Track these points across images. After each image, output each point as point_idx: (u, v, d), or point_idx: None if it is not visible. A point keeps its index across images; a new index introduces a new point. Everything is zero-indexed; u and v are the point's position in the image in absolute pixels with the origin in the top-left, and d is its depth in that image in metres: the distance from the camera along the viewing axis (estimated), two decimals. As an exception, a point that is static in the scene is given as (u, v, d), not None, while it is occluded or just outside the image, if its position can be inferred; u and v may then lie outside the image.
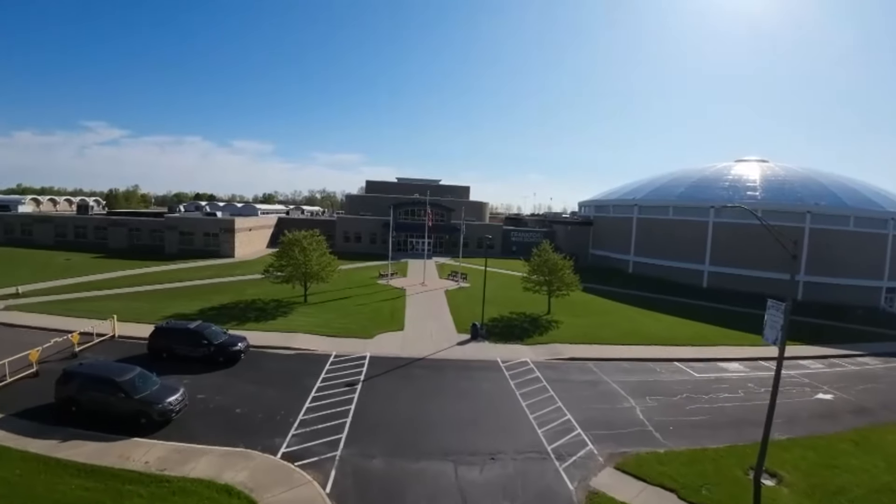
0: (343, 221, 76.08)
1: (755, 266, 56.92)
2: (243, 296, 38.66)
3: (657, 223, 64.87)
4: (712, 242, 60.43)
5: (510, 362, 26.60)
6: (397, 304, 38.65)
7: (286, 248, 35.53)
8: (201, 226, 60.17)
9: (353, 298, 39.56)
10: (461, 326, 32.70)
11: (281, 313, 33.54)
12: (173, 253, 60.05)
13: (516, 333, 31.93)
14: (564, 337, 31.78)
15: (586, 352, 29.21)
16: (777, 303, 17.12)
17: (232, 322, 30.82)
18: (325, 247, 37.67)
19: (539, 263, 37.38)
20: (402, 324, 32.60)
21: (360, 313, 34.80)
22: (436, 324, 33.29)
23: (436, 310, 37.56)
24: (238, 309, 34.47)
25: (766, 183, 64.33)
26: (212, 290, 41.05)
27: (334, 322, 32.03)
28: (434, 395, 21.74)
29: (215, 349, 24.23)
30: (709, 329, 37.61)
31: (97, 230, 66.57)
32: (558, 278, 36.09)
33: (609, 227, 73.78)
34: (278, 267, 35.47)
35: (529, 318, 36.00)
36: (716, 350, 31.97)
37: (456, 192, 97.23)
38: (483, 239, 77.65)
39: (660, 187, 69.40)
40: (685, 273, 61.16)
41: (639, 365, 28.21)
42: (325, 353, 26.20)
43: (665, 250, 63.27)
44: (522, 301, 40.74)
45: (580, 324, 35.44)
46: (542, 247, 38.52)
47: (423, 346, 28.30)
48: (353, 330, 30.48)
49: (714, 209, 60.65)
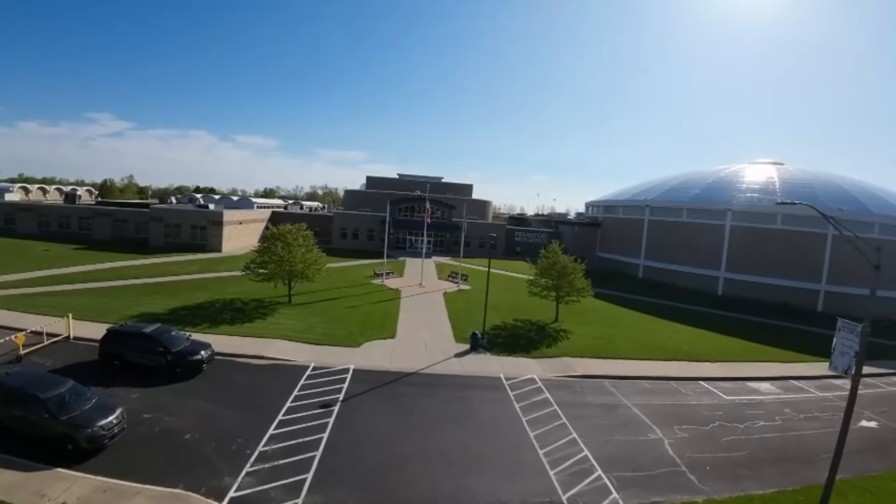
0: (340, 217, 72.75)
1: (775, 274, 53.59)
2: (223, 294, 35.40)
3: (670, 226, 61.39)
4: (729, 247, 57.00)
5: (515, 379, 23.23)
6: (390, 307, 35.31)
7: (268, 244, 32.21)
8: (188, 218, 56.86)
9: (342, 300, 36.20)
10: (460, 335, 29.36)
11: (260, 315, 30.24)
12: (158, 246, 56.81)
13: (521, 344, 28.56)
14: (575, 349, 28.41)
15: (601, 368, 25.83)
16: (851, 323, 13.63)
17: (203, 324, 27.59)
18: (312, 242, 34.32)
19: (547, 266, 33.91)
20: (394, 330, 29.25)
21: (348, 317, 31.45)
22: (431, 331, 29.92)
23: (432, 315, 34.22)
24: (214, 309, 31.22)
25: (786, 186, 60.88)
26: (192, 286, 37.83)
27: (318, 327, 28.71)
28: (425, 422, 18.38)
29: (173, 358, 20.95)
30: (732, 342, 34.28)
31: (81, 220, 63.50)
32: (568, 283, 32.64)
33: (618, 228, 70.29)
34: (260, 263, 32.14)
35: (536, 327, 32.62)
36: (743, 368, 28.66)
37: (458, 189, 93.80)
38: (486, 239, 74.41)
39: (673, 188, 65.91)
40: (699, 279, 57.74)
41: (661, 385, 24.86)
42: (302, 365, 22.87)
43: (678, 254, 59.83)
44: (528, 307, 37.39)
45: (592, 334, 32.06)
46: (551, 248, 35.00)
47: (415, 357, 24.95)
48: (339, 337, 27.15)
49: (730, 212, 57.39)
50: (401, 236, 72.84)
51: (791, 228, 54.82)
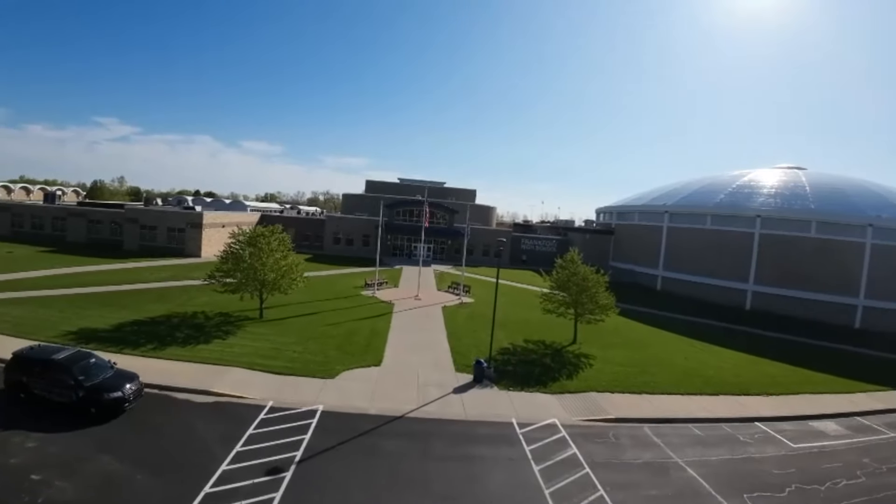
0: (332, 221, 67.81)
1: (808, 287, 48.48)
2: (186, 306, 30.48)
3: (692, 233, 56.26)
4: (758, 258, 51.83)
5: (531, 426, 18.04)
6: (380, 324, 30.20)
7: (235, 248, 27.28)
8: (165, 219, 51.96)
9: (324, 314, 31.08)
10: (461, 361, 24.24)
11: (221, 334, 25.22)
12: (133, 249, 51.94)
13: (535, 374, 23.39)
14: (602, 381, 23.25)
15: (637, 407, 20.66)
16: None
17: (148, 345, 22.63)
18: (288, 247, 29.31)
19: (563, 279, 28.78)
20: (381, 355, 24.09)
21: (327, 337, 26.33)
22: (426, 356, 24.75)
23: (428, 334, 29.08)
24: (169, 325, 26.27)
25: (817, 191, 55.84)
26: (154, 296, 32.91)
27: (288, 350, 23.62)
28: (410, 500, 13.25)
29: (85, 393, 15.98)
30: (775, 368, 29.38)
31: (55, 221, 58.82)
32: (590, 298, 27.51)
33: (634, 236, 65.15)
34: (226, 272, 27.16)
35: (551, 351, 27.47)
36: (798, 402, 23.71)
37: (461, 194, 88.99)
38: (490, 246, 69.42)
39: (693, 193, 60.85)
40: (725, 292, 52.54)
41: (713, 430, 19.74)
42: (257, 404, 17.80)
43: (701, 265, 54.66)
44: (540, 324, 32.31)
45: (617, 359, 26.93)
46: (569, 257, 29.80)
47: (404, 393, 19.80)
48: (311, 363, 22.05)
49: (759, 218, 52.31)
50: (399, 243, 67.89)
51: (826, 237, 49.77)
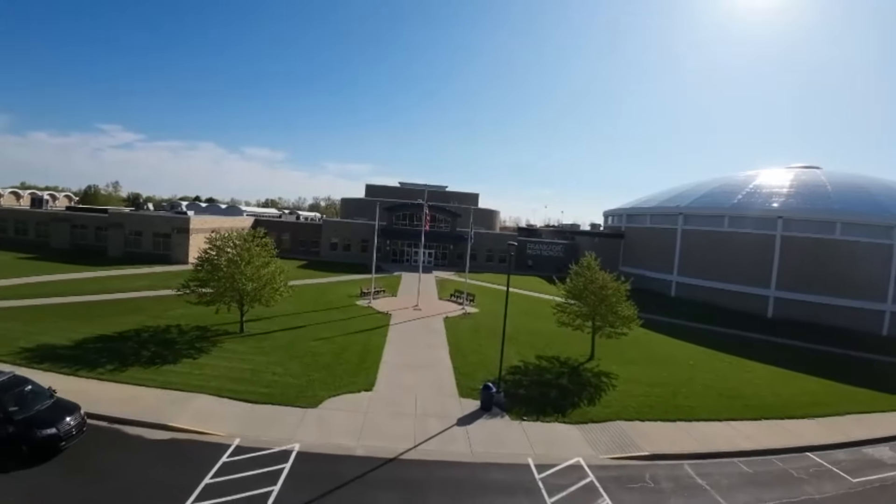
0: (329, 226, 64.92)
1: (833, 292, 45.39)
2: (160, 319, 27.52)
3: (708, 236, 53.18)
4: (780, 261, 48.72)
5: (551, 468, 14.85)
6: (374, 339, 27.06)
7: (208, 256, 24.28)
8: (151, 224, 49.12)
9: (312, 328, 28.01)
10: (466, 382, 21.13)
11: (193, 352, 22.21)
12: (117, 256, 49.14)
13: (552, 399, 20.24)
14: (629, 406, 20.11)
15: (674, 440, 17.53)
16: None
17: (107, 365, 19.67)
18: (271, 254, 26.33)
19: (580, 287, 25.69)
20: (373, 377, 20.91)
21: (314, 354, 23.24)
22: (426, 378, 21.62)
23: (428, 350, 25.95)
24: (137, 340, 23.32)
25: (839, 190, 52.77)
26: (128, 307, 29.98)
27: (267, 371, 20.56)
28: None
29: (15, 429, 13.02)
30: (812, 383, 26.41)
31: (39, 227, 56.25)
32: (610, 309, 24.40)
33: (646, 239, 62.05)
34: (201, 281, 24.17)
35: (568, 369, 24.31)
36: (847, 425, 20.70)
37: (463, 198, 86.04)
38: (494, 251, 66.49)
39: (708, 194, 57.79)
40: (745, 299, 49.44)
41: (762, 464, 16.66)
42: (221, 442, 14.75)
43: (718, 270, 51.56)
44: (551, 337, 29.28)
45: (643, 378, 23.81)
46: (585, 262, 26.65)
47: (398, 427, 16.69)
48: (291, 389, 18.95)
49: (781, 219, 49.24)
50: (398, 248, 64.97)
51: (852, 239, 46.72)
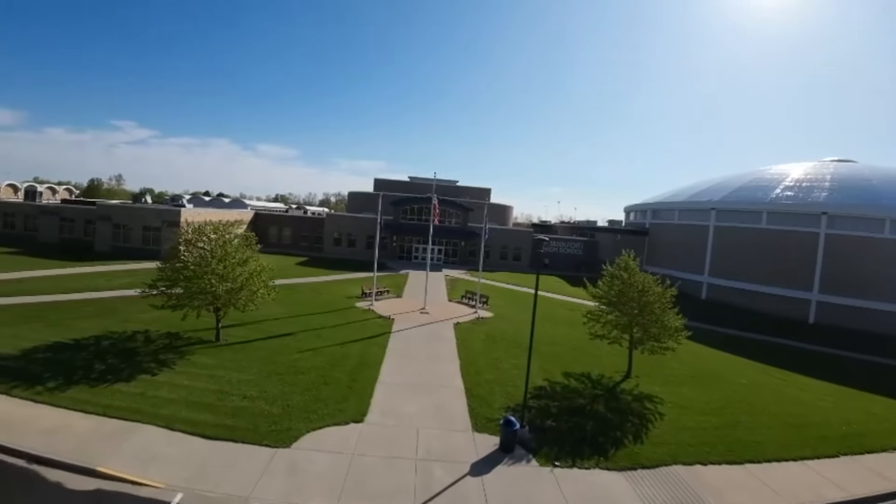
0: (333, 220, 61.32)
1: (882, 297, 40.88)
2: (129, 323, 24.03)
3: (744, 234, 48.59)
4: (824, 262, 44.11)
5: (599, 544, 11.02)
6: (371, 350, 23.03)
7: (175, 253, 20.57)
8: (140, 217, 45.90)
9: (302, 336, 24.15)
10: (481, 410, 17.15)
11: (154, 365, 18.59)
12: (105, 251, 46.06)
13: (589, 433, 16.17)
14: (683, 441, 16.05)
15: (746, 489, 13.46)
16: None
17: (52, 381, 16.24)
18: (251, 251, 22.50)
19: (616, 291, 21.55)
20: (366, 403, 16.91)
21: (297, 371, 19.37)
22: (431, 403, 17.60)
23: (436, 365, 21.85)
24: (95, 350, 19.83)
25: (887, 185, 47.87)
26: (96, 309, 26.59)
27: (236, 393, 16.81)
28: None
29: None
30: (880, 404, 22.51)
31: (27, 220, 53.74)
32: (655, 320, 20.25)
33: (673, 237, 57.45)
34: (170, 281, 20.51)
35: (602, 390, 20.19)
36: None
37: (475, 193, 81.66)
38: (508, 249, 62.43)
39: (742, 188, 53.07)
40: (784, 302, 44.97)
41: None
42: (158, 499, 11.08)
43: (754, 271, 47.04)
44: (576, 346, 25.39)
45: (693, 402, 19.74)
46: (623, 261, 22.43)
47: (393, 477, 12.79)
48: (263, 418, 15.15)
49: (826, 216, 44.58)
50: (406, 244, 61.19)
51: (910, 238, 42.08)
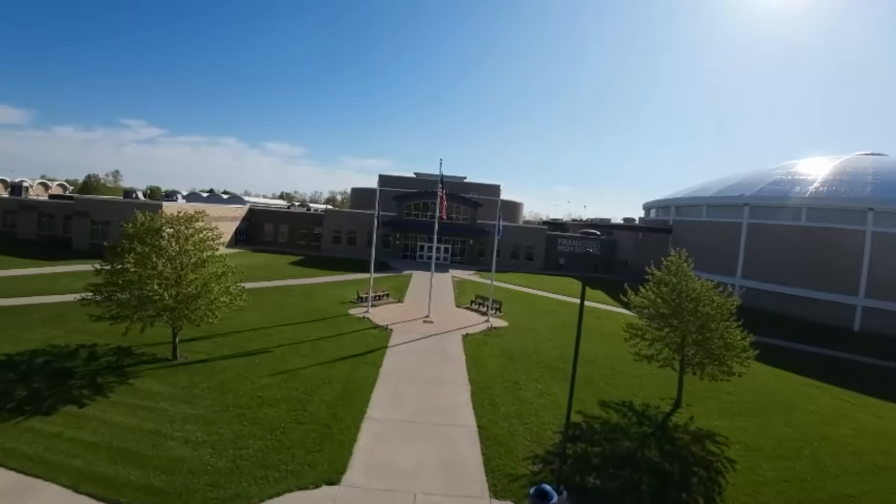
0: (332, 217, 57.51)
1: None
2: (78, 333, 20.29)
3: (780, 232, 44.11)
4: (871, 263, 39.61)
5: None
6: (360, 373, 18.77)
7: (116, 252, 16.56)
8: (118, 213, 42.24)
9: (277, 352, 20.07)
10: (500, 462, 12.95)
11: (87, 392, 14.73)
12: (82, 248, 42.74)
13: (643, 493, 12.11)
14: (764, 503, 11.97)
15: None
16: None
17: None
18: (211, 251, 18.27)
19: (664, 300, 17.31)
20: (347, 453, 12.74)
21: (263, 403, 15.26)
22: (434, 451, 13.42)
23: (440, 393, 17.60)
24: (24, 368, 16.08)
25: (940, 179, 43.22)
26: (49, 315, 22.89)
27: (177, 437, 12.77)
28: None
29: None
30: None
31: (6, 216, 50.56)
32: (717, 338, 16.03)
33: (700, 235, 52.80)
34: (109, 288, 16.60)
35: (650, 426, 15.95)
36: None
37: (484, 189, 77.44)
38: (520, 248, 58.28)
39: (776, 182, 48.47)
40: (826, 308, 40.54)
41: None
42: None
43: (793, 273, 42.53)
44: (611, 365, 21.22)
45: (762, 440, 15.52)
46: (673, 263, 18.19)
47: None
48: (202, 480, 11.08)
49: (872, 212, 40.04)
50: (410, 243, 57.26)
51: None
